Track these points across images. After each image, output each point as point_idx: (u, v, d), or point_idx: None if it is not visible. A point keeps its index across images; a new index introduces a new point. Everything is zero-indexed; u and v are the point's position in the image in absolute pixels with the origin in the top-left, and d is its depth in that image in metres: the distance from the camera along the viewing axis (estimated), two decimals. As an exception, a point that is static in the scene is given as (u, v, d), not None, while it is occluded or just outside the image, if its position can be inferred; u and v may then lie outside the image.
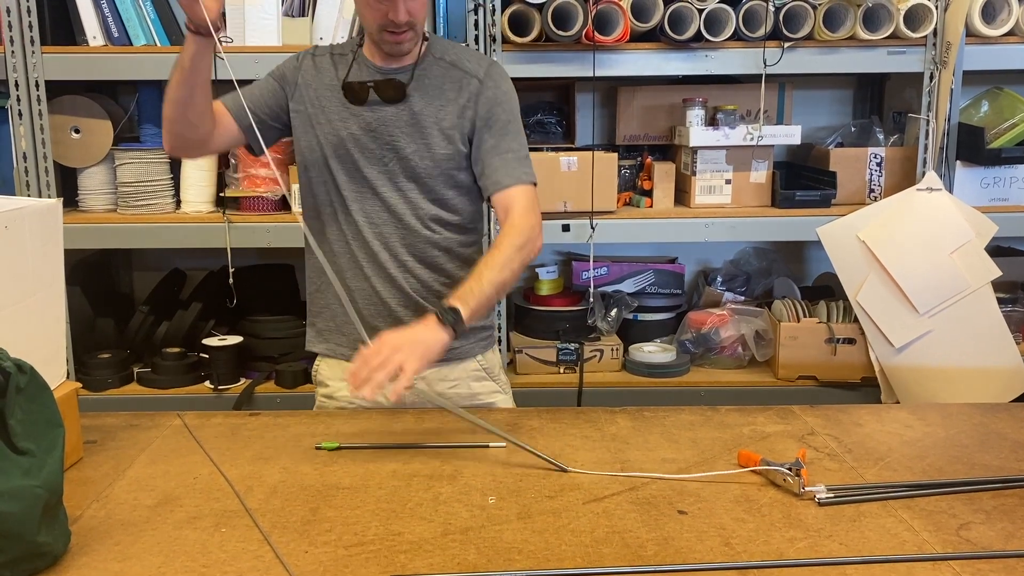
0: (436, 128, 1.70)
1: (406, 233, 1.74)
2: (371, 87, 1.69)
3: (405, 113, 1.70)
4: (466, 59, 1.75)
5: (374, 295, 1.76)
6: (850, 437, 1.61)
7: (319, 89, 1.74)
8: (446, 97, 1.71)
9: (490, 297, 1.58)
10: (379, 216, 1.73)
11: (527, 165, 1.71)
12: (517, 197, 1.67)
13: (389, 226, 1.73)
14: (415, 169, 1.71)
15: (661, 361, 2.72)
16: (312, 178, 1.77)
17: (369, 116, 1.71)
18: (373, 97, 1.70)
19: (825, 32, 2.50)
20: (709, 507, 1.33)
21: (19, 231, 1.40)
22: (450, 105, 1.71)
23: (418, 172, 1.72)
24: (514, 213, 1.66)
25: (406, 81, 1.69)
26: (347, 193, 1.73)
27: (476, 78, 1.72)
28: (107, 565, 1.16)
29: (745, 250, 3.04)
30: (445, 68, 1.73)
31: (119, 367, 2.65)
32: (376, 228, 1.73)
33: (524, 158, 1.71)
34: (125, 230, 2.58)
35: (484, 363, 1.86)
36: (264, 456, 1.52)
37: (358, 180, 1.73)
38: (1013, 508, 1.32)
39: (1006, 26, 2.52)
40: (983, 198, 2.64)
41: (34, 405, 1.17)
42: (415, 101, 1.70)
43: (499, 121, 1.71)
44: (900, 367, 2.57)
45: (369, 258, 1.75)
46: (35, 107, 2.48)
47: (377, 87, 1.69)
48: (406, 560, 1.17)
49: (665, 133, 2.87)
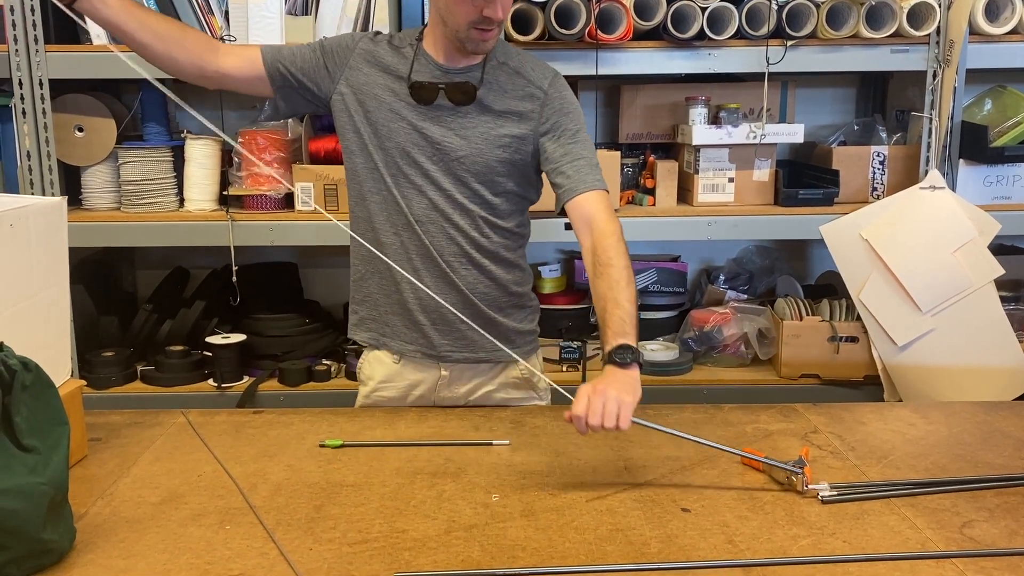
0: (494, 134, 1.69)
1: (455, 233, 1.71)
2: (442, 89, 1.67)
3: (466, 117, 1.68)
4: (530, 67, 1.73)
5: (420, 289, 1.72)
6: (853, 435, 1.61)
7: (372, 76, 1.71)
8: (508, 105, 1.69)
9: (635, 314, 1.54)
10: (427, 215, 1.71)
11: (599, 172, 1.69)
12: (596, 203, 1.65)
13: (436, 224, 1.71)
14: (468, 172, 1.69)
15: (664, 359, 2.73)
16: (359, 165, 1.74)
17: (428, 114, 1.69)
18: (440, 98, 1.67)
19: (828, 30, 2.50)
20: (712, 505, 1.33)
21: (24, 229, 1.40)
22: (511, 113, 1.69)
23: (470, 175, 1.70)
24: (600, 220, 1.62)
25: (477, 84, 1.67)
26: (396, 189, 1.71)
27: (541, 89, 1.71)
28: (112, 562, 1.17)
29: (748, 248, 3.04)
30: (510, 74, 1.71)
31: (123, 365, 2.66)
32: (423, 225, 1.71)
33: (596, 165, 1.69)
34: (129, 228, 2.58)
35: (526, 371, 1.83)
36: (268, 453, 1.53)
37: (409, 176, 1.70)
38: (1016, 506, 1.33)
39: (1009, 24, 2.52)
40: (986, 196, 2.63)
41: (39, 403, 1.17)
42: (479, 105, 1.68)
43: (568, 130, 1.70)
44: (903, 365, 2.57)
45: (420, 251, 1.72)
46: (39, 106, 2.48)
47: (448, 90, 1.67)
48: (410, 557, 1.17)
49: (668, 131, 2.87)
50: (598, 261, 1.58)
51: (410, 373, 1.79)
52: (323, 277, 3.05)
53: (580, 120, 1.73)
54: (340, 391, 2.56)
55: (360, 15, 2.52)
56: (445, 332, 1.76)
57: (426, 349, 1.77)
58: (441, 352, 1.77)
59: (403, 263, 1.72)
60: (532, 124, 1.69)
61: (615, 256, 1.57)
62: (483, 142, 1.68)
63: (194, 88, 1.78)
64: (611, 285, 1.54)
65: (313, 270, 3.02)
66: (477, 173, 1.70)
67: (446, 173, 1.70)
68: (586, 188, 1.65)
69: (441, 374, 1.78)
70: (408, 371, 1.79)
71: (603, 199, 1.66)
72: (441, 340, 1.76)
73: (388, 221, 1.73)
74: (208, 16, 2.51)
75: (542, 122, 1.70)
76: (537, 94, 1.70)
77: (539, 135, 1.70)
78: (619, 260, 1.57)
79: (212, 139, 2.64)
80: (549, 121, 1.70)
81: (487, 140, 1.68)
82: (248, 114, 2.90)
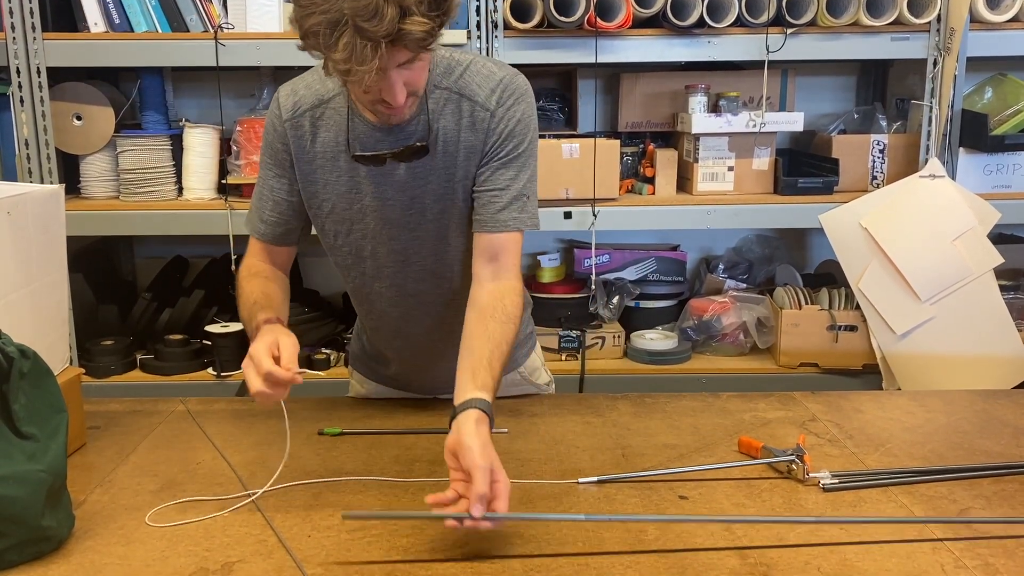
0: (461, 176, 1.47)
1: (443, 292, 1.57)
2: (388, 157, 1.44)
3: (426, 170, 1.47)
4: (475, 85, 1.45)
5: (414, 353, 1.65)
6: (851, 423, 1.61)
7: (313, 158, 1.49)
8: (461, 140, 1.45)
9: (499, 378, 1.35)
10: (416, 288, 1.57)
11: (528, 207, 1.48)
12: (507, 246, 1.45)
13: (421, 294, 1.57)
14: (448, 229, 1.51)
15: (663, 348, 2.73)
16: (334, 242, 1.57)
17: (384, 183, 1.48)
18: (391, 163, 1.46)
19: (828, 18, 2.49)
20: (710, 492, 1.33)
21: (22, 217, 1.40)
22: (464, 147, 1.46)
23: (451, 231, 1.51)
24: (503, 266, 1.45)
25: (426, 141, 1.43)
26: (375, 268, 1.56)
27: (487, 110, 1.45)
28: (111, 549, 1.17)
29: (747, 237, 3.04)
30: (455, 103, 1.45)
31: (122, 354, 2.66)
32: (410, 296, 1.57)
33: (525, 198, 1.48)
34: (127, 217, 2.58)
35: (524, 371, 1.79)
36: (267, 441, 1.53)
37: (385, 253, 1.53)
38: (1013, 493, 1.33)
39: (1010, 12, 2.51)
40: (986, 185, 2.63)
41: (38, 390, 1.17)
42: (433, 154, 1.46)
43: (507, 155, 1.47)
44: (902, 354, 2.57)
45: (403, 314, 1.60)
46: (37, 94, 2.48)
47: (396, 156, 1.44)
48: (408, 544, 1.18)
49: (667, 120, 2.86)
50: (487, 306, 1.41)
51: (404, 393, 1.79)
52: (322, 266, 3.05)
53: (523, 141, 1.48)
54: (339, 380, 2.57)
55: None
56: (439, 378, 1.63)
57: (419, 391, 1.75)
58: (437, 387, 1.70)
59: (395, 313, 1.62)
60: (481, 147, 1.46)
61: (506, 318, 1.40)
62: (455, 190, 1.49)
63: (191, 76, 1.79)
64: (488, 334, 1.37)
65: (312, 259, 3.02)
66: (459, 223, 1.52)
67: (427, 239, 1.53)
68: (501, 228, 1.45)
69: (438, 398, 1.73)
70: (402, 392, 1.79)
71: (515, 243, 1.46)
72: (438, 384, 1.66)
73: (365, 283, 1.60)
74: (206, 4, 2.50)
75: (487, 147, 1.46)
76: (483, 117, 1.45)
77: (482, 159, 1.47)
78: (508, 322, 1.40)
79: (211, 127, 2.64)
80: (492, 145, 1.46)
81: (458, 187, 1.49)
82: (246, 102, 2.89)
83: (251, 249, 1.59)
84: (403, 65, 1.26)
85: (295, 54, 1.28)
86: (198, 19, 2.50)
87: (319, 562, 1.14)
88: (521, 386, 1.80)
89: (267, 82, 2.77)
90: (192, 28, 2.50)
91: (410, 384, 1.75)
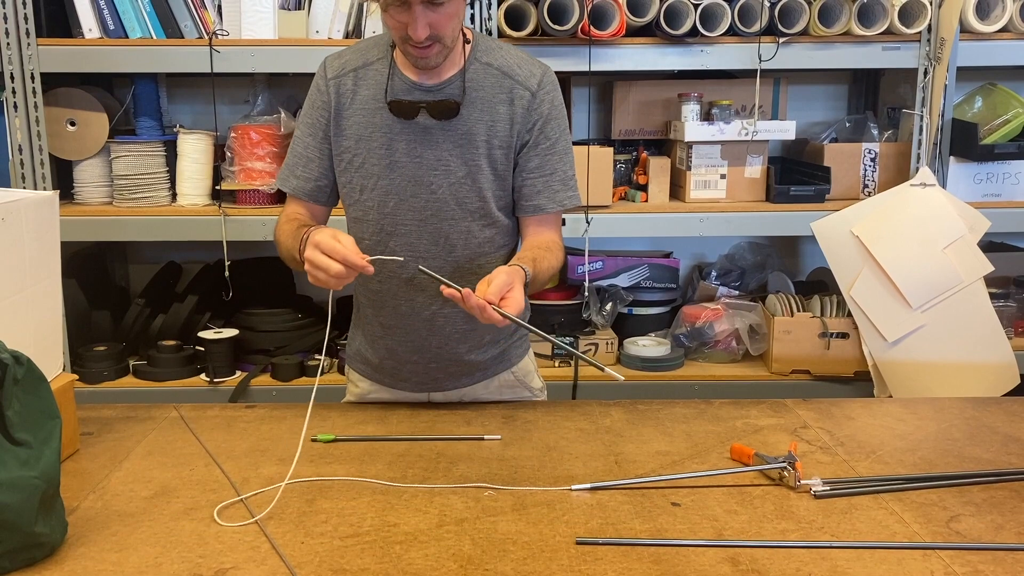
0: (486, 146, 1.60)
1: (450, 260, 1.65)
2: (423, 108, 1.57)
3: (455, 133, 1.59)
4: (516, 65, 1.61)
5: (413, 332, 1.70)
6: (842, 430, 1.62)
7: (353, 114, 1.62)
8: (497, 112, 1.59)
9: (536, 274, 1.55)
10: (428, 250, 1.64)
11: (571, 187, 1.66)
12: (555, 223, 1.68)
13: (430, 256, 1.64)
14: (467, 194, 1.62)
15: (655, 355, 2.73)
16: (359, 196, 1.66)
17: (415, 140, 1.59)
18: (424, 117, 1.58)
19: (820, 27, 2.51)
20: (702, 499, 1.34)
21: (15, 223, 1.40)
22: (501, 120, 1.59)
23: (470, 197, 1.62)
24: (551, 238, 1.65)
25: (459, 99, 1.57)
26: (393, 225, 1.64)
27: (528, 90, 1.60)
28: (104, 555, 1.17)
29: (740, 245, 3.05)
30: (496, 77, 1.60)
31: (115, 360, 2.65)
32: (420, 258, 1.63)
33: (569, 178, 1.66)
34: (121, 223, 2.58)
35: (518, 372, 1.82)
36: (260, 448, 1.53)
37: (406, 210, 1.63)
38: (1003, 500, 1.34)
39: (1000, 22, 2.53)
40: (976, 194, 2.65)
41: (31, 396, 1.17)
42: (465, 118, 1.58)
43: (548, 139, 1.62)
44: (893, 361, 2.58)
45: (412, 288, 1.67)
46: (30, 99, 2.48)
47: (429, 108, 1.57)
48: (401, 551, 1.18)
49: (660, 128, 2.87)
50: (546, 244, 1.63)
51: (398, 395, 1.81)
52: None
53: (563, 126, 1.66)
54: (332, 386, 2.56)
55: (353, 10, 2.52)
56: (436, 368, 1.76)
57: (415, 388, 1.79)
58: (431, 387, 1.79)
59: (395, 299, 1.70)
60: (519, 128, 1.60)
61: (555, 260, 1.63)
62: (479, 157, 1.61)
63: (185, 82, 1.79)
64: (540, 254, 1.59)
65: (306, 265, 3.01)
66: (479, 191, 1.63)
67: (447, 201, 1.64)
68: (552, 208, 1.65)
69: (432, 396, 1.79)
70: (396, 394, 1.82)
71: (559, 224, 1.70)
72: (433, 377, 1.76)
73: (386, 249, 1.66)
74: (201, 10, 2.50)
75: (529, 127, 1.61)
76: (524, 96, 1.60)
77: (523, 141, 1.62)
78: (556, 262, 1.62)
79: (205, 133, 2.64)
80: (534, 126, 1.61)
81: (482, 154, 1.61)
82: (241, 109, 2.89)
83: (287, 206, 1.73)
84: (427, 5, 1.44)
85: (289, 61, 1.30)
86: (193, 25, 2.51)
87: (312, 568, 1.14)
88: (514, 388, 1.81)
89: (261, 88, 2.77)
90: (187, 34, 2.51)
91: (402, 371, 1.76)
